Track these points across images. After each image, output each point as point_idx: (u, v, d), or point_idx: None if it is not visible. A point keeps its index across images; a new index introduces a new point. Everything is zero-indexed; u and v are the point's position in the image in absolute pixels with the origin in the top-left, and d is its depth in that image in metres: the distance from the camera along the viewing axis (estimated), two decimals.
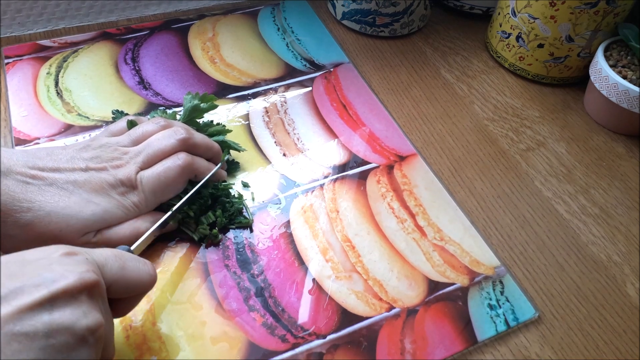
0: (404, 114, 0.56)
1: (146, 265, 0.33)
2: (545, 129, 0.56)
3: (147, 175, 0.39)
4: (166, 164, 0.40)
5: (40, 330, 0.24)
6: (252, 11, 0.65)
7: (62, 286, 0.26)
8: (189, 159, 0.41)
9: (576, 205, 0.49)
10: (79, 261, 0.28)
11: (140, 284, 0.32)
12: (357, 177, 0.49)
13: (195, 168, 0.42)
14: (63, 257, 0.28)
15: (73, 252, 0.28)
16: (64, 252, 0.28)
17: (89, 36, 0.60)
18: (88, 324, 0.26)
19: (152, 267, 0.34)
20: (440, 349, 0.38)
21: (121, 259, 0.31)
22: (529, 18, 0.57)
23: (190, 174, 0.41)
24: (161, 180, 0.40)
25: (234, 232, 0.43)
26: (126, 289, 0.31)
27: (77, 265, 0.28)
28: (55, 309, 0.25)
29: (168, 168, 0.40)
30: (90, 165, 0.38)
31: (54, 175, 0.36)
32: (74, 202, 0.36)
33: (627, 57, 0.54)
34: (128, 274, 0.31)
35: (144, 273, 0.33)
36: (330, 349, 0.37)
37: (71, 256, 0.28)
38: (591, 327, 0.41)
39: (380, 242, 0.44)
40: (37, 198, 0.35)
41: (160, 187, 0.40)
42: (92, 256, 0.29)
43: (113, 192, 0.38)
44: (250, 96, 0.55)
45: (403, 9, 0.62)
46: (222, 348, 0.37)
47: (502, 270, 0.43)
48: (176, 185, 0.41)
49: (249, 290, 0.40)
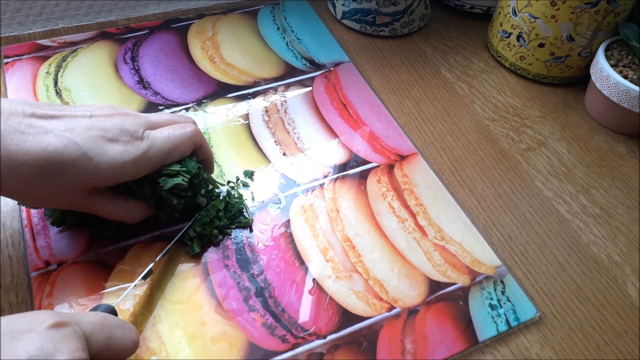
0: (405, 113, 0.55)
1: (131, 332, 0.32)
2: (546, 128, 0.56)
3: (155, 133, 0.38)
4: (175, 128, 0.39)
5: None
6: (251, 10, 0.65)
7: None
8: (196, 129, 0.40)
9: (577, 205, 0.49)
10: (68, 335, 0.27)
11: (124, 353, 0.31)
12: (358, 176, 0.48)
13: (201, 141, 0.41)
14: (51, 330, 0.26)
15: (62, 324, 0.27)
16: (53, 323, 0.27)
17: (88, 36, 0.59)
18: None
19: (136, 333, 0.33)
20: (441, 349, 0.38)
21: (108, 328, 0.30)
22: (529, 17, 0.57)
23: (196, 144, 0.40)
24: (170, 140, 0.38)
25: (233, 232, 0.43)
26: (109, 357, 0.30)
27: (67, 341, 0.26)
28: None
29: (177, 130, 0.39)
30: (96, 113, 0.36)
31: (52, 122, 0.34)
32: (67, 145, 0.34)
33: (628, 57, 0.54)
34: (113, 343, 0.30)
35: (128, 341, 0.31)
36: (330, 349, 0.37)
37: (60, 329, 0.27)
38: (592, 328, 0.41)
39: (381, 241, 0.44)
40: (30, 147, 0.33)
41: (168, 147, 0.38)
42: (80, 327, 0.28)
43: (117, 139, 0.35)
44: (250, 95, 0.55)
45: (403, 9, 0.62)
46: (222, 348, 0.37)
47: (503, 270, 0.43)
48: (182, 150, 0.39)
49: (249, 290, 0.40)
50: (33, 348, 0.25)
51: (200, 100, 0.54)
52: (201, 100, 0.54)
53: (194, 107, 0.53)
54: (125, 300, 0.38)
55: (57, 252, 0.41)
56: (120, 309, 0.38)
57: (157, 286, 0.39)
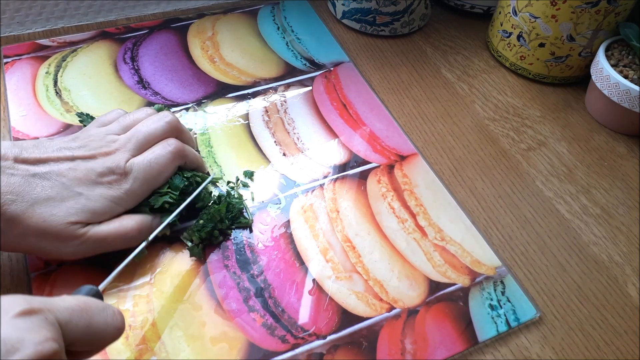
0: (405, 113, 0.55)
1: (114, 318, 0.29)
2: (546, 128, 0.56)
3: (138, 162, 0.39)
4: (156, 150, 0.40)
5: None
6: (251, 10, 0.65)
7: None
8: (179, 145, 0.41)
9: (577, 205, 0.49)
10: (36, 324, 0.24)
11: (106, 340, 0.29)
12: (358, 176, 0.48)
13: (185, 154, 0.42)
14: (18, 318, 0.24)
15: (31, 311, 0.24)
16: (21, 311, 0.24)
17: (88, 35, 0.59)
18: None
19: (121, 319, 0.30)
20: (441, 350, 0.38)
21: (87, 314, 0.27)
22: (530, 17, 0.56)
23: (180, 159, 0.41)
24: (152, 167, 0.39)
25: (233, 232, 0.43)
26: (90, 344, 0.28)
27: (34, 331, 0.23)
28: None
29: (159, 154, 0.40)
30: (77, 154, 0.37)
31: (38, 167, 0.36)
32: (57, 192, 0.35)
33: (629, 57, 0.54)
34: (94, 330, 0.27)
35: (110, 328, 0.29)
36: (330, 350, 0.37)
37: (28, 317, 0.24)
38: (592, 328, 0.41)
39: (381, 242, 0.44)
40: (20, 190, 0.34)
41: (152, 174, 0.39)
42: (54, 314, 0.25)
43: (101, 180, 0.37)
44: (250, 95, 0.55)
45: (403, 8, 0.62)
46: (222, 348, 0.37)
47: (503, 270, 0.43)
48: (167, 171, 0.41)
49: (249, 291, 0.40)
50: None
51: (200, 100, 0.54)
52: (201, 100, 0.54)
53: (193, 107, 0.53)
54: (125, 301, 0.38)
55: None
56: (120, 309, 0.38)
57: (157, 287, 0.39)
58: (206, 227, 0.41)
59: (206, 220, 0.41)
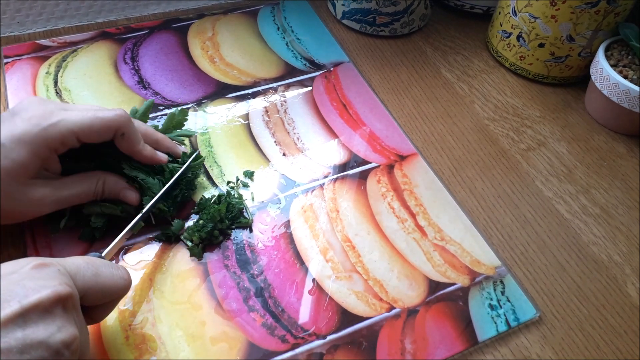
0: (405, 113, 0.55)
1: (120, 270, 0.33)
2: (546, 128, 0.56)
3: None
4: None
5: (14, 346, 0.24)
6: (251, 10, 0.65)
7: (34, 301, 0.26)
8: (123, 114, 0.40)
9: (577, 205, 0.49)
10: (50, 274, 0.27)
11: (115, 289, 0.32)
12: (358, 176, 0.48)
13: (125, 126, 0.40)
14: (34, 270, 0.27)
15: (44, 264, 0.28)
16: (35, 264, 0.28)
17: (88, 36, 0.59)
18: (63, 338, 0.26)
19: (126, 272, 0.33)
20: (440, 349, 0.38)
21: (94, 266, 0.31)
22: (529, 17, 0.56)
23: (118, 129, 0.39)
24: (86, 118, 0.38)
25: (233, 232, 0.43)
26: (101, 295, 0.31)
27: (49, 278, 0.27)
28: (28, 324, 0.25)
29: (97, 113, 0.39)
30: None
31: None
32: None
33: (628, 57, 0.54)
34: (102, 280, 0.31)
35: (117, 278, 0.32)
36: (330, 350, 0.37)
37: (42, 268, 0.28)
38: (592, 328, 0.41)
39: (381, 242, 0.44)
40: None
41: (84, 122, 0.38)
42: (63, 266, 0.29)
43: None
44: (250, 96, 0.55)
45: (403, 9, 0.62)
46: (222, 348, 0.37)
47: (503, 270, 0.43)
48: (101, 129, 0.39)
49: (249, 291, 0.40)
50: (14, 285, 0.26)
51: (200, 101, 0.54)
52: (201, 100, 0.54)
53: (193, 107, 0.53)
54: (125, 301, 0.38)
55: (57, 252, 0.41)
56: (119, 309, 0.38)
57: (157, 286, 0.39)
58: (206, 227, 0.41)
59: (206, 220, 0.42)
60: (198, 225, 0.42)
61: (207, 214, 0.42)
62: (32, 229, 0.42)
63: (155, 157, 0.42)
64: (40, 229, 0.42)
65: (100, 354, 0.36)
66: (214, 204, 0.43)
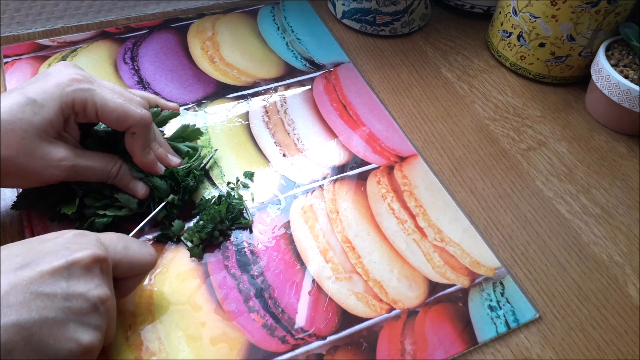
0: (405, 113, 0.55)
1: (147, 247, 0.36)
2: (546, 128, 0.56)
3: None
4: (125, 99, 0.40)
5: (59, 293, 0.28)
6: (251, 10, 0.65)
7: (78, 257, 0.29)
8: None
9: (577, 205, 0.49)
10: (90, 240, 0.31)
11: (143, 263, 0.35)
12: (357, 177, 0.48)
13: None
14: (76, 236, 0.31)
15: (84, 233, 0.32)
16: (76, 232, 0.32)
17: (88, 35, 0.59)
18: (99, 294, 0.30)
19: (153, 249, 0.36)
20: (440, 350, 0.38)
21: (124, 240, 0.34)
22: (530, 17, 0.56)
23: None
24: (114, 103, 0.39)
25: (233, 233, 0.43)
26: (130, 267, 0.34)
27: (88, 243, 0.31)
28: (71, 277, 0.29)
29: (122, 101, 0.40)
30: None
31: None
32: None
33: (629, 57, 0.54)
34: (131, 253, 0.34)
35: (145, 253, 0.35)
36: (330, 350, 0.37)
37: (82, 236, 0.32)
38: (592, 328, 0.41)
39: (381, 243, 0.44)
40: None
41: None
42: (99, 237, 0.33)
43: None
44: (250, 96, 0.55)
45: (403, 8, 0.62)
46: (222, 349, 0.37)
47: (502, 271, 0.43)
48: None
49: (249, 291, 0.40)
50: (60, 245, 0.30)
51: (199, 101, 0.53)
52: (201, 100, 0.54)
53: (193, 107, 0.53)
54: (124, 300, 0.38)
55: None
56: (119, 309, 0.38)
57: (157, 287, 0.39)
58: (206, 228, 0.41)
59: (206, 221, 0.42)
60: (198, 226, 0.42)
61: (207, 214, 0.42)
62: (31, 227, 0.42)
63: (154, 168, 0.42)
64: (39, 229, 0.42)
65: (100, 354, 0.35)
66: (214, 204, 0.43)
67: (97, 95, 0.38)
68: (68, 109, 0.37)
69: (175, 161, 0.44)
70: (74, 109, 0.37)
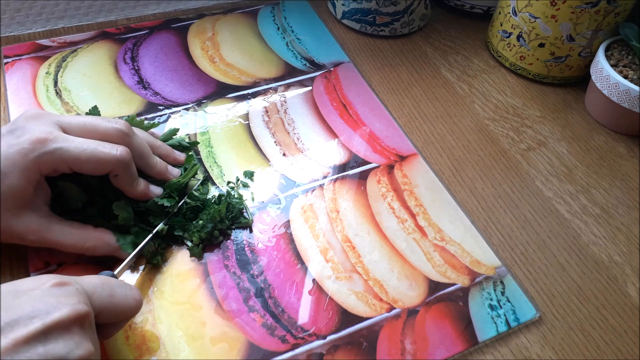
0: (405, 113, 0.55)
1: (132, 291, 0.33)
2: (546, 128, 0.56)
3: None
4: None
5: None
6: (251, 10, 0.65)
7: (56, 318, 0.27)
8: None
9: (577, 205, 0.49)
10: (70, 292, 0.28)
11: (128, 310, 0.33)
12: (358, 177, 0.48)
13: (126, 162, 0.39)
14: (54, 287, 0.28)
15: (64, 283, 0.29)
16: (55, 282, 0.29)
17: (88, 35, 0.59)
18: (81, 355, 0.27)
19: (138, 292, 0.34)
20: (440, 350, 0.38)
21: (109, 287, 0.32)
22: (529, 17, 0.56)
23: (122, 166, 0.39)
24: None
25: (233, 232, 0.43)
26: (115, 314, 0.32)
27: (68, 296, 0.28)
28: (49, 340, 0.26)
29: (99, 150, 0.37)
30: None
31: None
32: None
33: (628, 57, 0.54)
34: (116, 300, 0.32)
35: (130, 299, 0.33)
36: (330, 350, 0.37)
37: (62, 287, 0.28)
38: (592, 328, 0.41)
39: (381, 242, 0.44)
40: None
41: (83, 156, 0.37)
42: (81, 285, 0.30)
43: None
44: (250, 96, 0.55)
45: (403, 8, 0.62)
46: (222, 349, 0.37)
47: (503, 270, 0.43)
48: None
49: (249, 291, 0.40)
50: (37, 302, 0.27)
51: (200, 101, 0.54)
52: (201, 100, 0.54)
53: (193, 107, 0.53)
54: None
55: (56, 252, 0.40)
56: None
57: (157, 286, 0.39)
58: (206, 228, 0.41)
59: (206, 221, 0.42)
60: (198, 225, 0.42)
61: (207, 214, 0.42)
62: None
63: (148, 194, 0.41)
64: None
65: (100, 354, 0.35)
66: (214, 204, 0.43)
67: (65, 153, 0.35)
68: (35, 176, 0.35)
69: (175, 173, 0.43)
70: (41, 174, 0.36)
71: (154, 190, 0.41)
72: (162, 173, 0.42)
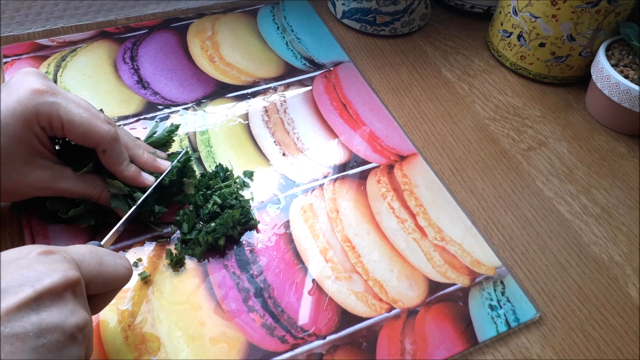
0: (405, 113, 0.55)
1: (122, 259, 0.33)
2: (546, 128, 0.56)
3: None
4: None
5: (30, 330, 0.24)
6: (251, 10, 0.65)
7: (47, 285, 0.26)
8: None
9: (578, 206, 0.49)
10: (58, 259, 0.27)
11: (118, 278, 0.32)
12: (358, 176, 0.48)
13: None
14: (41, 255, 0.27)
15: (50, 251, 0.28)
16: (42, 251, 0.28)
17: (88, 35, 0.59)
18: (77, 322, 0.26)
19: (128, 261, 0.33)
20: (440, 350, 0.38)
21: (97, 255, 0.31)
22: (530, 17, 0.56)
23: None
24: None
25: None
26: (104, 284, 0.31)
27: (57, 263, 0.27)
28: (41, 308, 0.25)
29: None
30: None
31: None
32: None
33: (629, 57, 0.54)
34: (106, 269, 0.31)
35: (120, 267, 0.32)
36: (330, 350, 0.37)
37: (49, 255, 0.27)
38: (592, 328, 0.40)
39: (381, 242, 0.44)
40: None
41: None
42: (69, 254, 0.29)
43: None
44: (250, 95, 0.55)
45: (404, 8, 0.62)
46: (222, 349, 0.37)
47: (503, 270, 0.43)
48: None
49: (248, 291, 0.40)
50: (25, 270, 0.26)
51: (199, 100, 0.53)
52: (200, 100, 0.54)
53: (193, 107, 0.53)
54: (124, 301, 0.38)
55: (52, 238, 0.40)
56: (119, 309, 0.38)
57: (157, 286, 0.39)
58: (217, 233, 0.41)
59: (218, 225, 0.41)
60: (209, 227, 0.41)
61: (221, 219, 0.41)
62: (30, 228, 0.42)
63: (139, 179, 0.41)
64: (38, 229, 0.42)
65: (100, 355, 0.35)
66: (227, 208, 0.42)
67: (62, 109, 0.36)
68: (34, 125, 0.35)
69: (165, 165, 0.43)
70: (39, 124, 0.36)
71: (146, 177, 0.41)
72: (149, 163, 0.42)
